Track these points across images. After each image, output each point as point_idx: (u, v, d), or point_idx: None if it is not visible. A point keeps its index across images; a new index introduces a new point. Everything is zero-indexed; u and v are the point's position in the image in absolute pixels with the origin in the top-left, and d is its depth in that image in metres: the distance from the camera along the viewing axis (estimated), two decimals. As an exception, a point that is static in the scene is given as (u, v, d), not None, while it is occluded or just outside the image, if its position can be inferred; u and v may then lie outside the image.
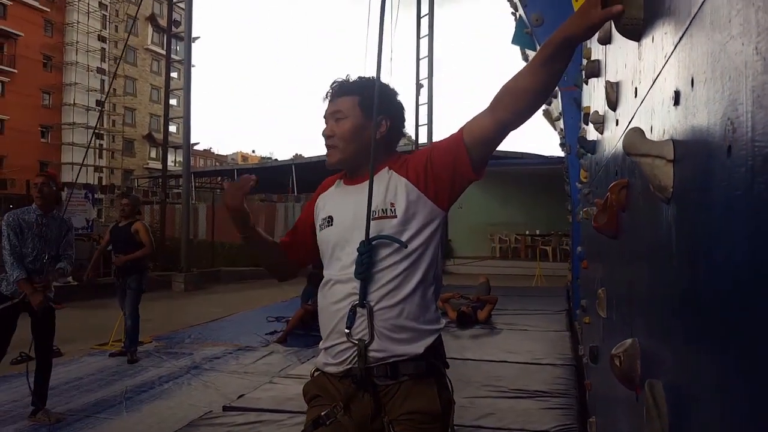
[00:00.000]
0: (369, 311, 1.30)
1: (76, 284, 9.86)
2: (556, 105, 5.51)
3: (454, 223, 16.51)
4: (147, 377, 4.52)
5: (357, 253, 1.31)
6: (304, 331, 5.82)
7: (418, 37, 13.55)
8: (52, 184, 3.59)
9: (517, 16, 5.25)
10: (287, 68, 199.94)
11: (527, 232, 14.95)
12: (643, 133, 0.68)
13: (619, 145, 1.15)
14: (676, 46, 0.57)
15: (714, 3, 0.45)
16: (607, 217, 1.25)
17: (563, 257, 13.01)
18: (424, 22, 13.55)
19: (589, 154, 2.37)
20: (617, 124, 1.23)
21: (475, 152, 1.27)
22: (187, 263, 11.32)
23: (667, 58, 0.61)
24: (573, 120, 4.27)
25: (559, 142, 6.47)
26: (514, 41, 4.99)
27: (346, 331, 1.31)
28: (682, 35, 0.54)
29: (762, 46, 0.35)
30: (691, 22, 0.51)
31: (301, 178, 19.70)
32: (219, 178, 27.49)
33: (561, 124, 5.32)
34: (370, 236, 1.30)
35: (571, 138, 4.36)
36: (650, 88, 0.73)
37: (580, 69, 3.21)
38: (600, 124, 1.66)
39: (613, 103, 1.25)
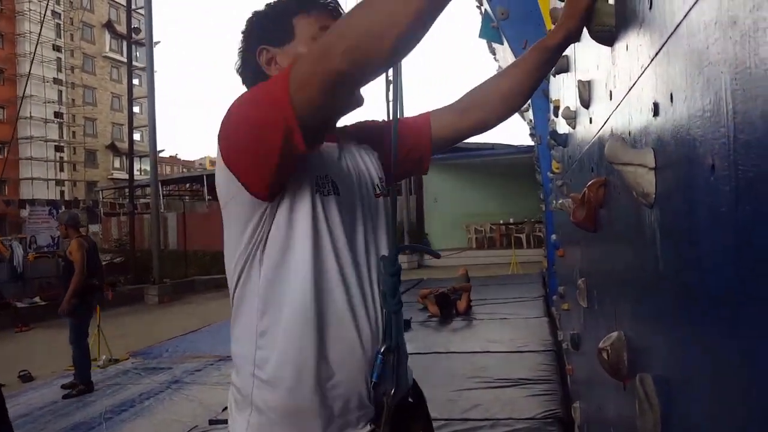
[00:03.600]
0: (396, 355, 0.92)
1: (44, 304, 9.54)
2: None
3: (430, 216, 16.62)
4: (126, 395, 4.42)
5: (375, 264, 0.94)
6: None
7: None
8: None
9: (482, 10, 5.30)
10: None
11: (501, 221, 15.19)
12: (625, 142, 0.70)
13: (595, 142, 1.18)
14: (652, 60, 0.60)
15: (690, 25, 0.47)
16: (586, 212, 1.28)
17: (537, 243, 13.26)
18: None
19: (560, 147, 2.41)
20: (591, 122, 1.26)
21: (437, 146, 1.15)
22: (159, 275, 11.11)
23: (643, 69, 0.64)
24: (542, 111, 4.34)
25: (528, 132, 6.57)
26: (482, 35, 5.04)
27: (374, 381, 0.91)
28: (659, 51, 0.56)
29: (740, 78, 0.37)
30: (667, 40, 0.53)
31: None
32: (187, 184, 26.93)
33: (530, 114, 5.40)
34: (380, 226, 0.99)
35: (541, 128, 4.44)
36: (626, 95, 0.76)
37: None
38: (572, 120, 1.70)
39: (585, 102, 1.28)
